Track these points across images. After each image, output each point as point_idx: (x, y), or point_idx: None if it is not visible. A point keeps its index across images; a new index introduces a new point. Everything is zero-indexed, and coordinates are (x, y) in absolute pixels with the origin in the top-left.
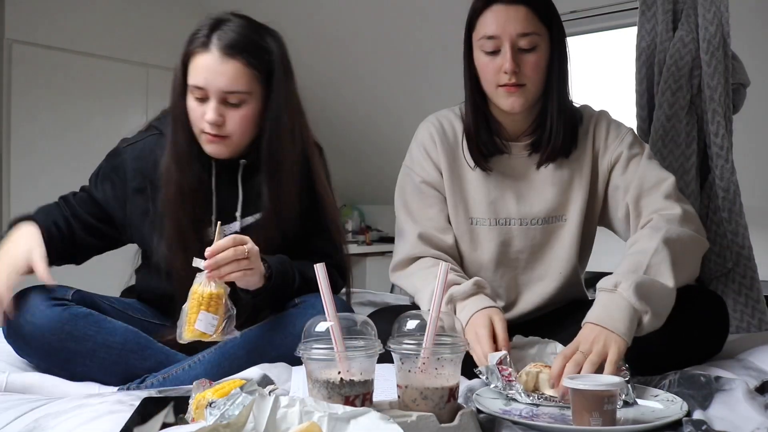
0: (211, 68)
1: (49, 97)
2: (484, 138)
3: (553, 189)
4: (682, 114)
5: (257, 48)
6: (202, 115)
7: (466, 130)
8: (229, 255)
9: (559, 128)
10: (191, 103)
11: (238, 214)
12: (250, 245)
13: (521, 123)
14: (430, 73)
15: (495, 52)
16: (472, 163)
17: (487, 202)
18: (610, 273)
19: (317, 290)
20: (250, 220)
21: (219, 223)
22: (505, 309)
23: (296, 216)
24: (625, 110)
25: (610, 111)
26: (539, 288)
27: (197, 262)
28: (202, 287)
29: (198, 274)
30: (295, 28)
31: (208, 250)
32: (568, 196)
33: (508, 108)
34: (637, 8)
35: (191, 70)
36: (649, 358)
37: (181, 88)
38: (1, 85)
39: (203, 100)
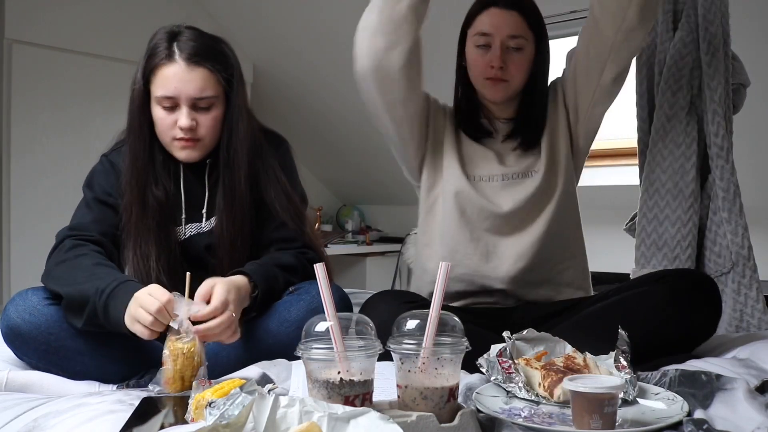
0: (179, 77)
1: (49, 97)
2: (473, 118)
3: (527, 152)
4: (683, 114)
5: (218, 54)
6: (174, 123)
7: (456, 108)
8: (216, 324)
9: (540, 120)
10: (159, 113)
11: (204, 211)
12: (233, 306)
13: (504, 111)
14: (428, 73)
15: (486, 48)
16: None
17: (485, 162)
18: (612, 273)
19: (300, 278)
20: (212, 222)
21: (189, 274)
22: (493, 268)
23: (249, 209)
24: (625, 110)
25: (610, 111)
26: (522, 239)
27: (174, 323)
28: (176, 343)
29: (170, 332)
30: (291, 31)
31: (192, 317)
32: (538, 152)
33: (491, 97)
34: None
35: (158, 82)
36: (643, 340)
37: (142, 101)
38: (1, 85)
39: (173, 108)
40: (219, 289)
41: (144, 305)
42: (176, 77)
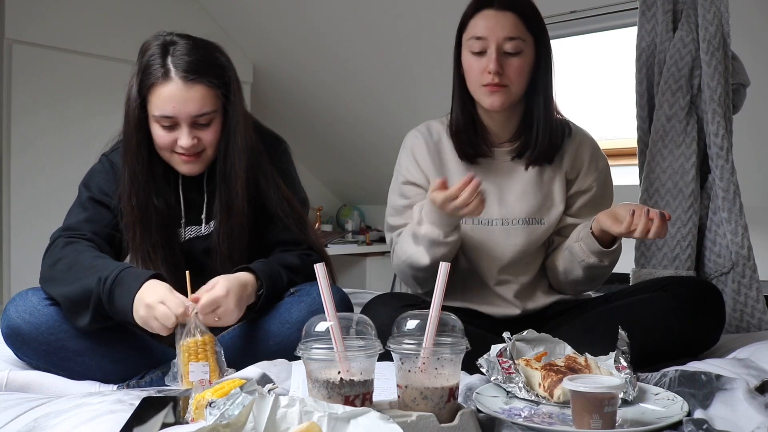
0: (177, 97)
1: (49, 97)
2: (471, 136)
3: (534, 193)
4: (682, 114)
5: (214, 67)
6: (174, 141)
7: (453, 125)
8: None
9: (546, 133)
10: (158, 131)
11: (203, 216)
12: (233, 296)
13: (505, 126)
14: (425, 74)
15: (481, 53)
16: (460, 155)
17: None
18: (612, 273)
19: (303, 278)
20: (212, 226)
21: (189, 273)
22: (486, 306)
23: (247, 219)
24: (625, 110)
25: (610, 111)
26: (515, 285)
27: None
28: (184, 338)
29: (177, 330)
30: (290, 31)
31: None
32: (548, 201)
33: (489, 106)
34: (637, 8)
35: (155, 102)
36: (647, 347)
37: (138, 120)
38: (1, 84)
39: (172, 127)
40: (220, 284)
41: (159, 316)
42: (174, 97)
